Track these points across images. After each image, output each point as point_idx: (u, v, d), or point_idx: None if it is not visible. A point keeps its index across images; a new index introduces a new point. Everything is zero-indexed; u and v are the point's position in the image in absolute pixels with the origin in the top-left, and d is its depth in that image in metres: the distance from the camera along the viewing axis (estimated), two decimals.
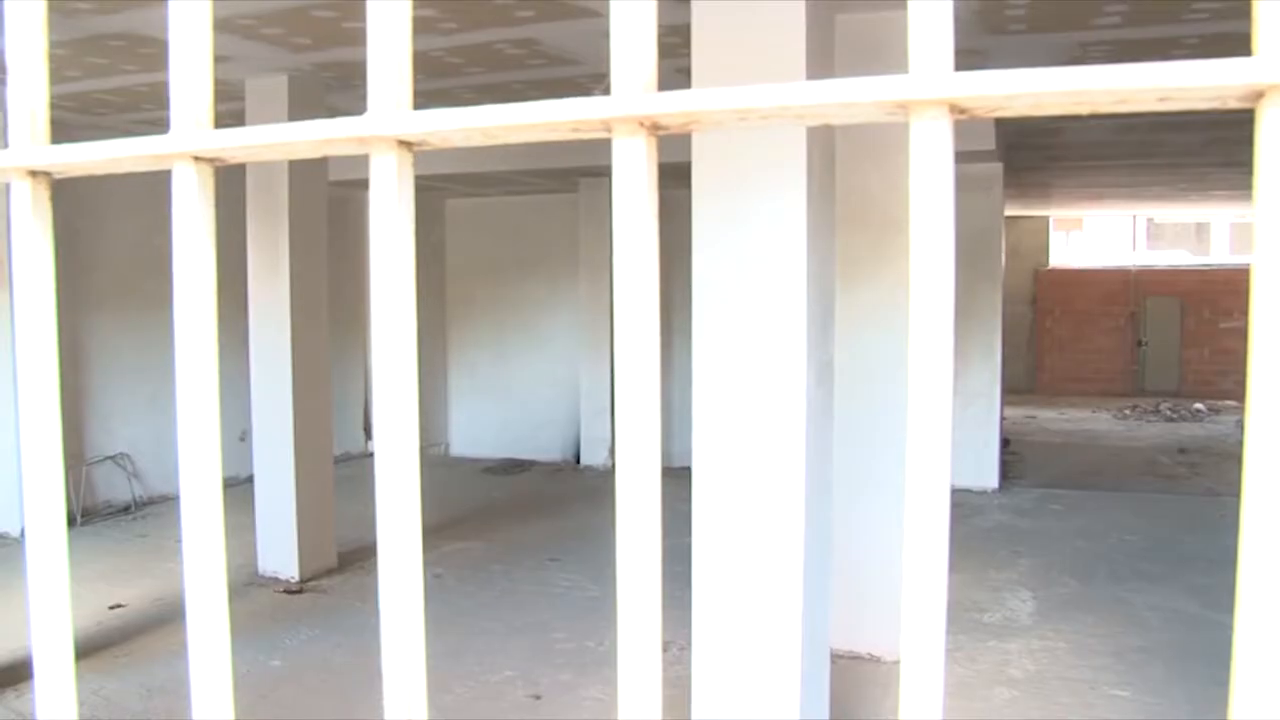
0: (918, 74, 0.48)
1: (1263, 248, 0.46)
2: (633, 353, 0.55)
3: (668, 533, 3.11)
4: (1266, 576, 0.47)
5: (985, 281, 10.81)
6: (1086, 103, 0.47)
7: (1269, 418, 0.46)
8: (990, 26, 6.12)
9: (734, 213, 3.78)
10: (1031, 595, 7.21)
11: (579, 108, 0.53)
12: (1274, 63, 0.44)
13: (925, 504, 0.51)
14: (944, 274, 0.49)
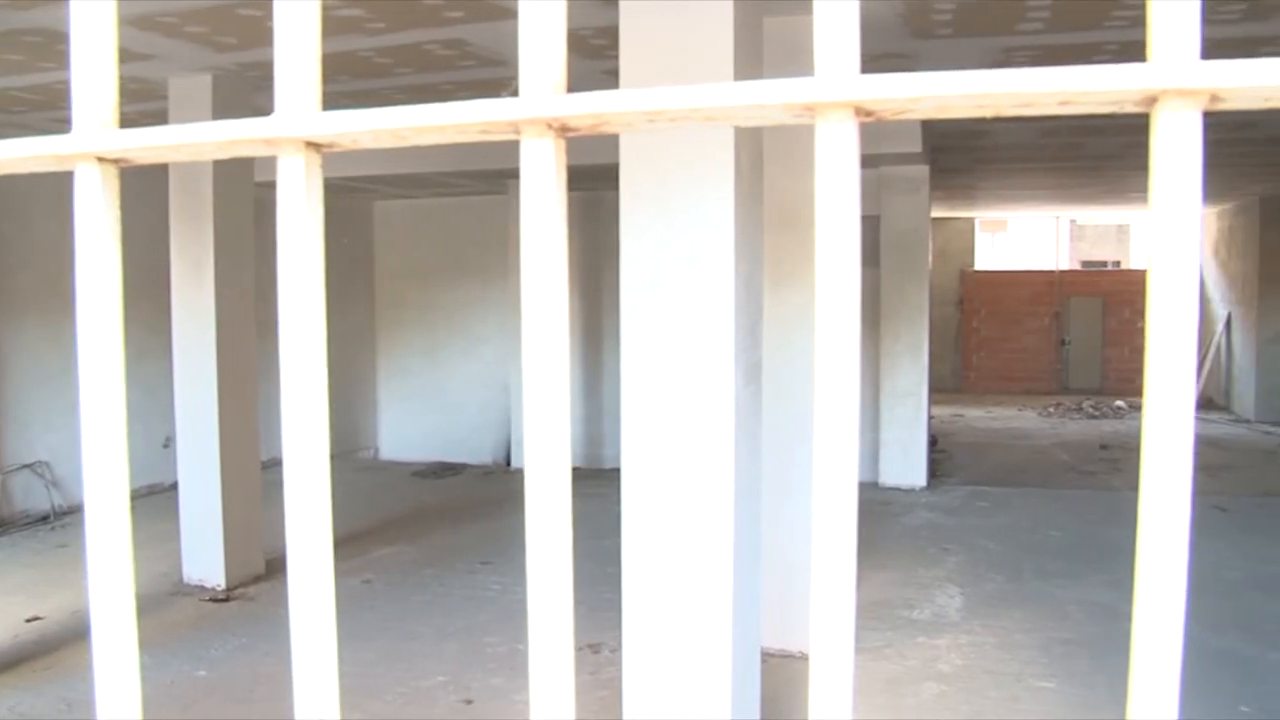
0: (823, 76, 0.48)
1: (1156, 249, 0.47)
2: (539, 357, 0.55)
3: (603, 534, 3.12)
4: (1161, 569, 0.48)
5: (912, 282, 10.93)
6: (990, 106, 0.47)
7: (1164, 416, 0.47)
8: (917, 30, 6.19)
9: (662, 214, 3.79)
10: (959, 591, 7.30)
11: (487, 109, 0.52)
12: (1167, 68, 0.45)
13: (833, 504, 0.51)
14: (849, 275, 0.49)
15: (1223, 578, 7.72)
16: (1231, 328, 18.10)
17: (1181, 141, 0.47)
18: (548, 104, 0.52)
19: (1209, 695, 5.51)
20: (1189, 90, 0.46)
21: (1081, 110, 0.48)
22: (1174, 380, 0.47)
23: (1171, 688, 0.48)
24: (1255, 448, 14.21)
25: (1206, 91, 0.46)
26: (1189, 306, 0.47)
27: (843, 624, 0.50)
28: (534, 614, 0.54)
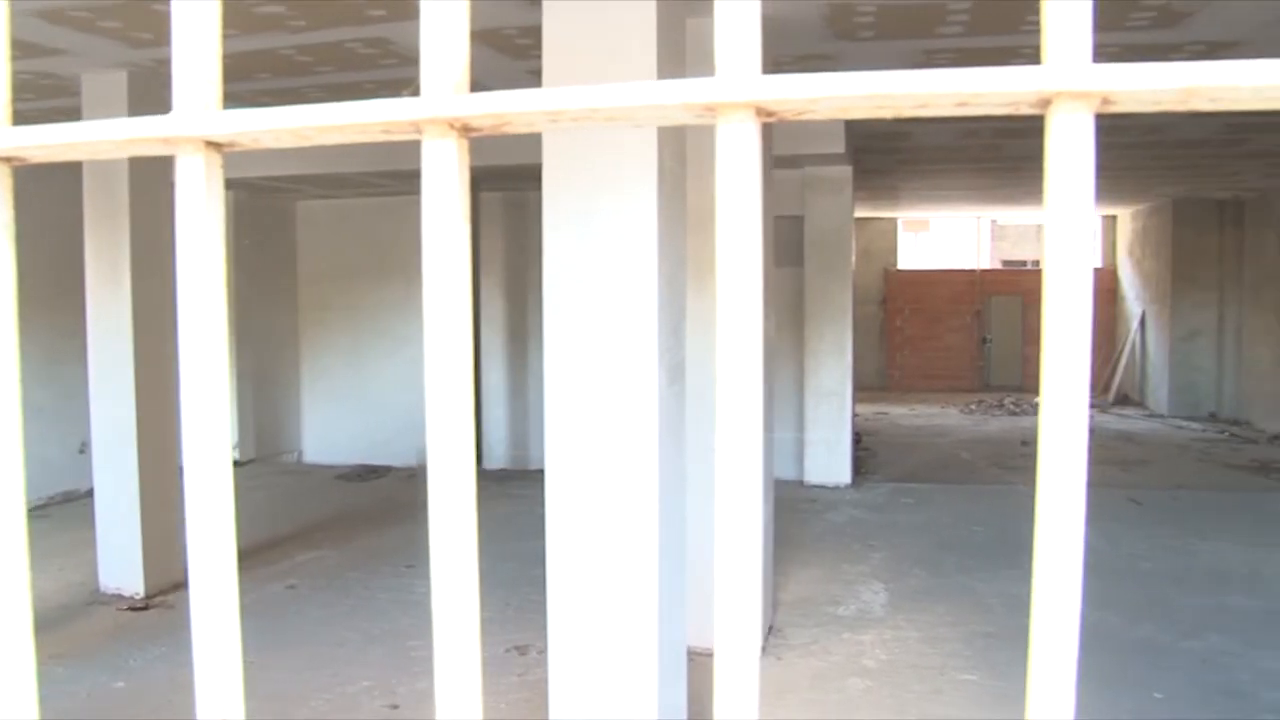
0: (724, 77, 0.48)
1: (1051, 248, 0.48)
2: (441, 358, 0.54)
3: (529, 535, 3.10)
4: (1058, 562, 0.48)
5: (836, 282, 11.04)
6: (889, 107, 0.48)
7: (1059, 412, 0.48)
8: (840, 32, 6.25)
9: (585, 214, 3.79)
10: (884, 587, 7.38)
11: (388, 109, 0.52)
12: (1060, 71, 0.46)
13: (735, 503, 0.51)
14: (751, 275, 0.49)
15: (1137, 569, 7.89)
16: (1146, 325, 18.52)
17: (1074, 142, 0.48)
18: (449, 104, 0.51)
19: (1125, 683, 5.63)
20: (1081, 93, 0.46)
21: (978, 112, 0.49)
22: (1068, 377, 0.48)
23: (1069, 678, 0.49)
24: (1169, 442, 14.55)
25: (1098, 94, 0.46)
26: (1083, 304, 0.48)
27: (747, 622, 0.50)
28: (439, 618, 0.54)
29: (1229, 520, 9.46)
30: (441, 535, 0.53)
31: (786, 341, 10.96)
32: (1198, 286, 16.87)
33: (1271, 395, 14.77)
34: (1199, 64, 0.45)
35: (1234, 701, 5.40)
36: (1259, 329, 15.42)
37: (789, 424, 11.03)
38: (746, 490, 0.50)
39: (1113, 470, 12.33)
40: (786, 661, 6.01)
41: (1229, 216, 16.57)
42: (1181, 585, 7.44)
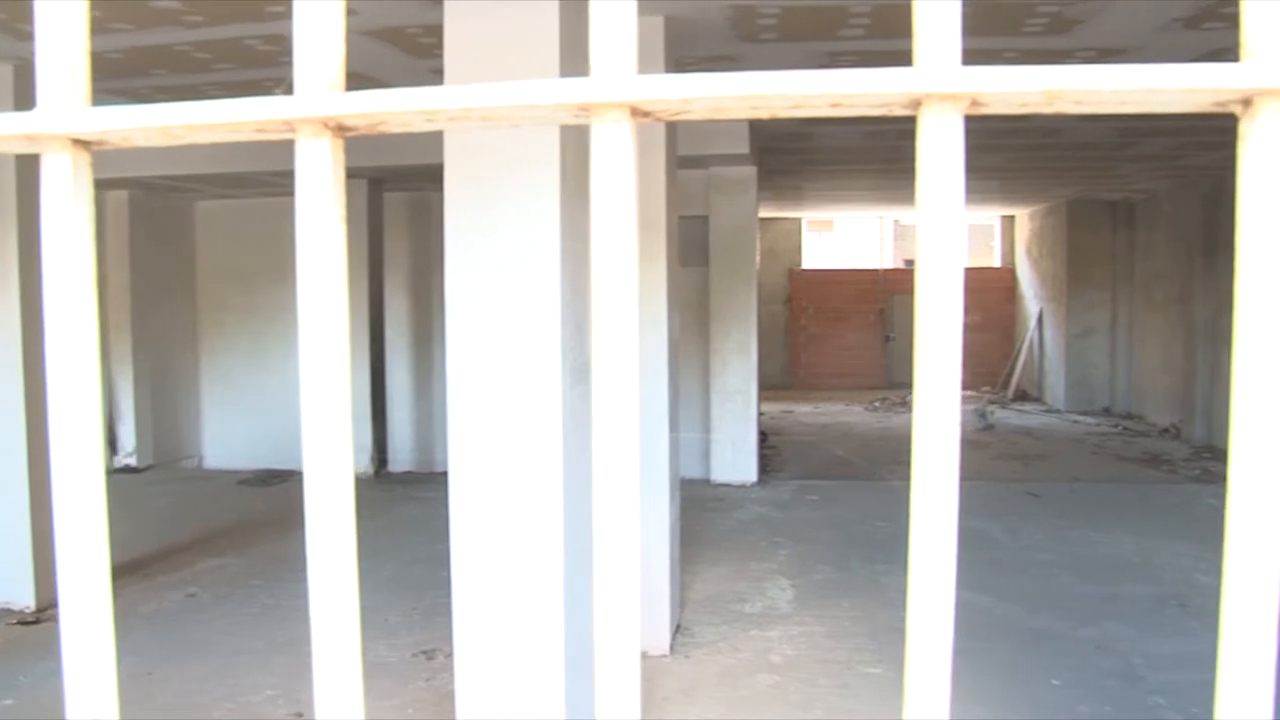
0: (599, 77, 0.48)
1: (923, 247, 0.49)
2: (317, 364, 0.54)
3: (436, 538, 3.06)
4: (931, 553, 0.49)
5: (741, 282, 11.11)
6: (763, 108, 0.48)
7: (933, 406, 0.49)
8: (744, 34, 6.29)
9: (487, 214, 3.76)
10: (790, 584, 7.45)
11: (261, 107, 0.51)
12: (930, 73, 0.47)
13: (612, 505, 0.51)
14: (628, 275, 0.49)
15: (1035, 560, 8.08)
16: (1043, 323, 18.95)
17: (944, 143, 0.49)
18: (323, 103, 0.50)
19: (1024, 671, 5.76)
20: (950, 94, 0.47)
21: (852, 113, 0.49)
22: (941, 373, 0.49)
23: (944, 670, 0.49)
24: (1065, 436, 14.91)
25: (967, 95, 0.47)
26: (954, 301, 0.49)
27: (625, 622, 0.50)
28: (316, 624, 0.53)
29: (1123, 511, 9.73)
30: (318, 543, 0.52)
31: (692, 341, 11.01)
32: (1092, 285, 17.32)
33: (1162, 390, 15.22)
34: (1062, 68, 0.46)
35: (1127, 685, 5.55)
36: (1149, 326, 15.87)
37: (695, 423, 11.09)
38: (623, 489, 0.50)
39: (1013, 464, 12.61)
40: (695, 659, 6.04)
41: (1121, 217, 17.04)
42: (1078, 575, 7.63)
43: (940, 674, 0.49)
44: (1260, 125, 0.48)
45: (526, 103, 0.48)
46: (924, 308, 0.49)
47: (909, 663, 0.49)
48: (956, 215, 0.48)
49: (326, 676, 0.52)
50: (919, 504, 0.51)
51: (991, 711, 5.33)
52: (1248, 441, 0.50)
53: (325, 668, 0.53)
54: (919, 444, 0.50)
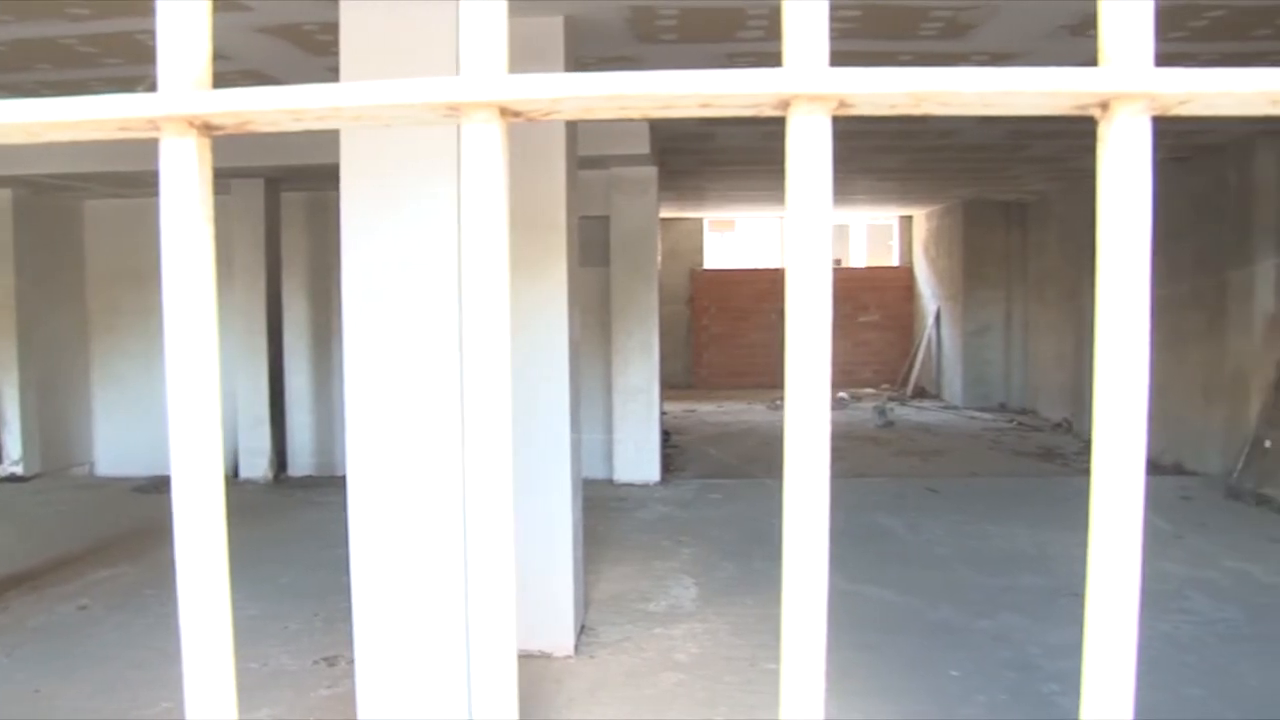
0: (468, 76, 0.48)
1: (791, 246, 0.49)
2: (184, 370, 0.52)
3: (337, 542, 2.99)
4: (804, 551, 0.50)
5: (642, 282, 11.14)
6: (633, 108, 0.48)
7: (802, 405, 0.49)
8: (642, 34, 6.30)
9: (385, 213, 3.72)
10: (694, 582, 7.49)
11: (124, 105, 0.49)
12: (799, 74, 0.47)
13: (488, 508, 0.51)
14: (498, 276, 0.49)
15: (934, 554, 8.23)
16: (941, 321, 19.31)
17: (812, 143, 0.49)
18: (188, 101, 0.49)
19: (924, 663, 5.87)
20: (818, 95, 0.48)
21: (722, 113, 0.50)
22: (810, 372, 0.50)
23: (818, 666, 0.50)
24: (963, 432, 15.21)
25: (835, 97, 0.48)
26: (823, 301, 0.49)
27: (503, 622, 0.50)
28: (187, 639, 0.51)
29: (1018, 504, 9.95)
30: (187, 552, 0.51)
31: (594, 341, 11.01)
32: (987, 284, 17.69)
33: (1055, 385, 15.59)
34: (927, 70, 0.47)
35: (1023, 674, 5.68)
36: (1042, 324, 16.25)
37: (598, 424, 11.09)
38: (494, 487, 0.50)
39: (912, 461, 12.83)
40: (599, 660, 6.04)
41: (1014, 218, 17.44)
42: (976, 568, 7.79)
43: (815, 670, 0.49)
44: (1116, 128, 0.50)
45: (394, 102, 0.47)
46: (793, 306, 0.50)
47: (784, 662, 0.50)
48: (824, 215, 0.49)
49: (197, 689, 0.51)
50: (790, 502, 0.51)
51: (894, 703, 5.42)
52: (1108, 432, 0.51)
53: (196, 681, 0.52)
54: (790, 443, 0.51)
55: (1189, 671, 5.84)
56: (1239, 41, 6.32)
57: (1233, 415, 10.72)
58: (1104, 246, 0.51)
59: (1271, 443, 9.79)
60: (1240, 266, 10.52)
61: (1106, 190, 0.50)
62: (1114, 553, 0.51)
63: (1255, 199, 10.34)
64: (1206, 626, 6.55)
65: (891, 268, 22.61)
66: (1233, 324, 10.75)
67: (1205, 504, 9.96)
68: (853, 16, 5.92)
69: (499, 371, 0.49)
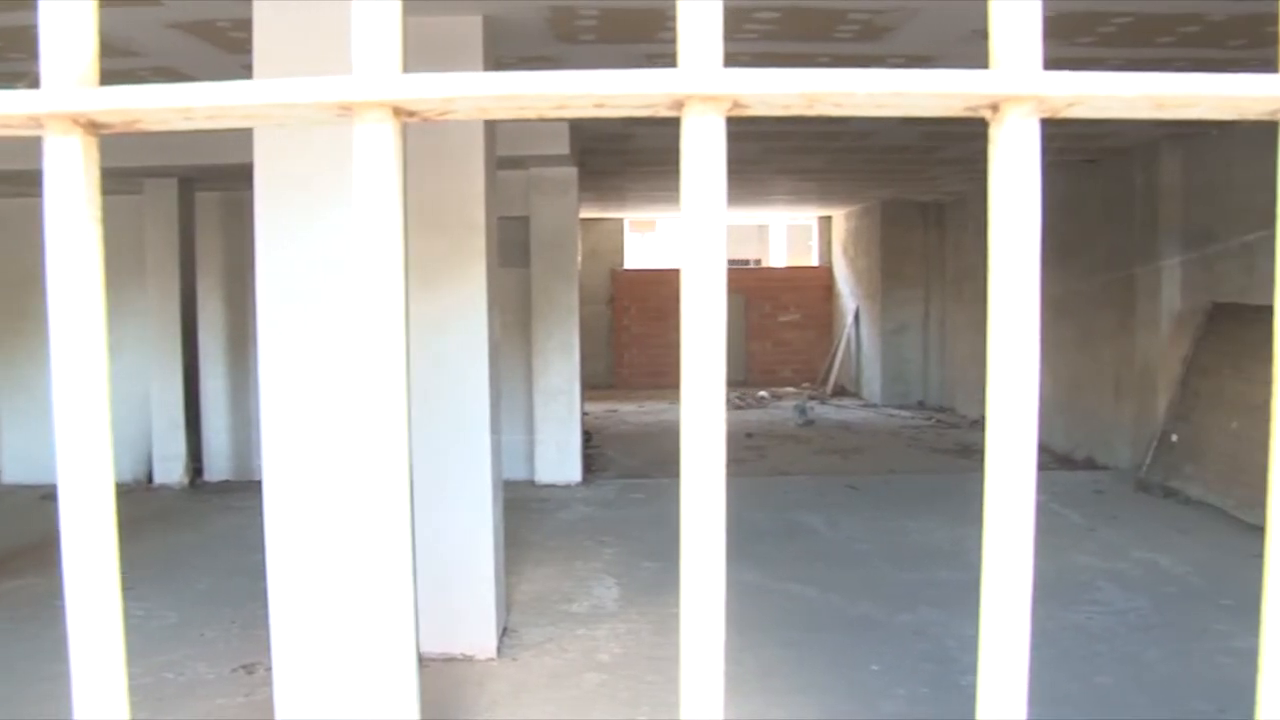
0: (360, 75, 0.48)
1: (687, 247, 0.49)
2: (70, 376, 0.51)
3: (254, 548, 2.95)
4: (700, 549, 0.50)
5: (562, 282, 11.13)
6: (528, 108, 0.48)
7: (697, 405, 0.50)
8: (561, 34, 6.29)
9: (299, 215, 3.68)
10: (616, 582, 7.50)
11: (4, 101, 0.48)
12: (693, 74, 0.48)
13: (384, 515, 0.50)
14: (392, 280, 0.49)
15: (855, 550, 8.33)
16: (860, 320, 19.53)
17: (706, 143, 0.49)
18: (72, 98, 0.48)
19: (845, 659, 5.94)
20: (711, 96, 0.48)
21: (617, 113, 0.50)
22: (706, 372, 0.50)
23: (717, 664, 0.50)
24: (882, 430, 15.40)
25: (729, 97, 0.48)
26: (717, 300, 0.50)
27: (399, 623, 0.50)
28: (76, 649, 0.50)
29: (936, 500, 10.09)
30: (75, 564, 0.50)
31: (514, 342, 10.96)
32: (905, 283, 17.93)
33: (971, 383, 15.85)
34: (820, 71, 0.48)
35: (941, 667, 5.77)
36: (959, 322, 16.51)
37: (519, 425, 11.04)
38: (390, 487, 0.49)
39: (832, 459, 12.96)
40: (522, 661, 6.02)
41: (931, 218, 17.70)
42: (895, 563, 7.89)
43: (713, 669, 0.50)
44: (1006, 129, 0.51)
45: (285, 102, 0.47)
46: (688, 305, 0.50)
47: (683, 659, 0.50)
48: (718, 215, 0.49)
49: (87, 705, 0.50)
50: (687, 499, 0.51)
51: (817, 699, 5.47)
52: (999, 428, 0.52)
53: (85, 697, 0.50)
54: (686, 442, 0.51)
55: (1100, 660, 5.97)
56: (1144, 48, 6.48)
57: (1142, 411, 10.99)
58: (994, 246, 0.51)
59: (1178, 437, 10.05)
60: (1148, 266, 10.79)
61: (997, 190, 0.51)
62: (1007, 545, 0.52)
63: (1161, 200, 10.60)
64: (1117, 616, 6.71)
65: (811, 267, 22.82)
66: (1142, 322, 11.01)
67: (1116, 497, 10.19)
68: (771, 19, 5.96)
69: (392, 375, 0.49)
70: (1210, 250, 9.70)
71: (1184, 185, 10.47)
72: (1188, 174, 10.43)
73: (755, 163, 12.36)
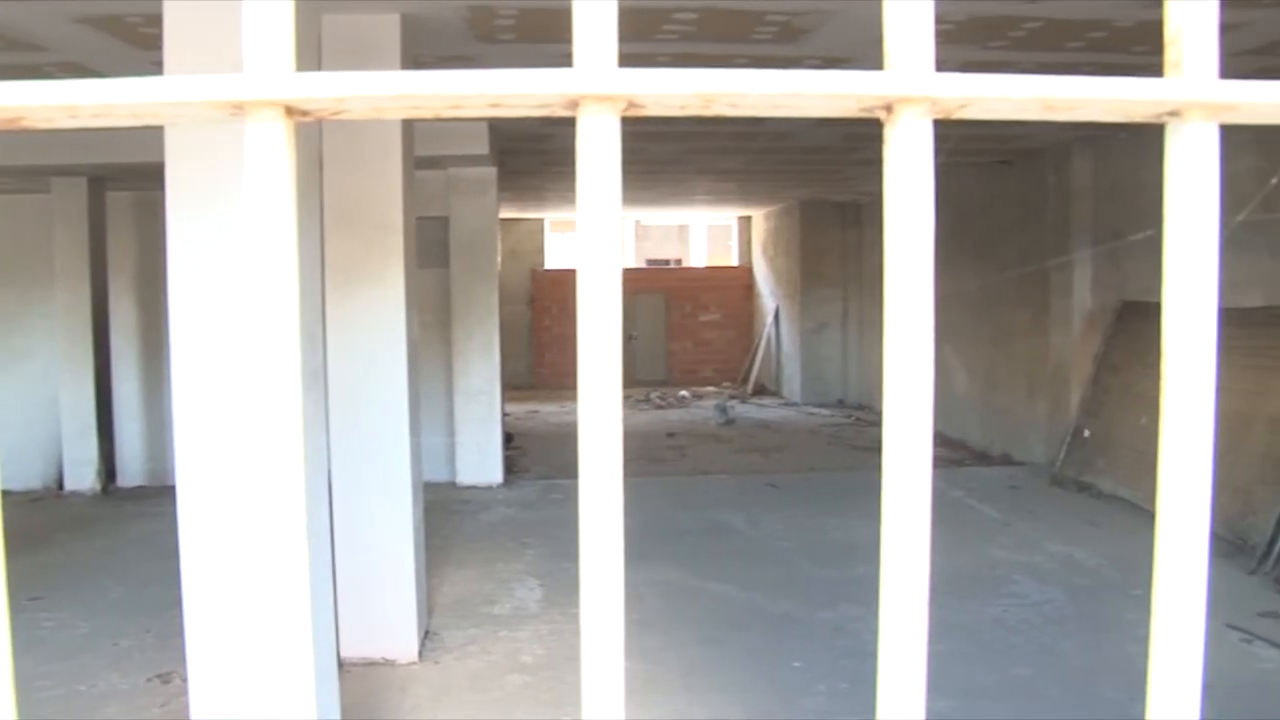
0: (251, 73, 0.47)
1: (583, 248, 0.50)
2: None
3: (171, 554, 2.87)
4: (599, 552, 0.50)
5: (482, 283, 11.08)
6: (423, 108, 0.48)
7: (595, 404, 0.50)
8: (480, 34, 6.26)
9: (210, 214, 3.61)
10: (539, 583, 7.48)
11: None
12: (587, 74, 0.48)
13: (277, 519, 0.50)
14: (286, 282, 0.48)
15: (776, 548, 8.39)
16: (780, 319, 19.68)
17: (601, 143, 0.50)
18: None
19: (768, 656, 5.98)
20: (606, 96, 0.48)
21: (513, 113, 0.50)
22: (601, 370, 0.50)
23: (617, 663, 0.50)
24: (803, 428, 15.55)
25: (624, 97, 0.48)
26: (613, 300, 0.50)
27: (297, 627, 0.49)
28: None
29: (855, 497, 10.18)
30: None
31: (434, 343, 10.88)
32: (824, 282, 18.10)
33: None
34: (715, 71, 0.48)
35: (861, 663, 5.84)
36: (878, 321, 16.57)
37: (439, 426, 10.96)
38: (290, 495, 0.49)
39: (753, 457, 13.04)
40: (444, 664, 5.98)
41: (850, 218, 17.90)
42: (815, 560, 7.97)
43: (613, 667, 0.50)
44: (900, 130, 0.52)
45: (174, 100, 0.46)
46: (584, 305, 0.50)
47: (584, 661, 0.50)
48: (614, 215, 0.50)
49: None
50: (585, 500, 0.52)
51: (739, 697, 5.51)
52: (895, 425, 0.53)
53: None
54: (583, 444, 0.51)
55: (1016, 653, 6.09)
56: (1055, 52, 6.61)
57: (1055, 407, 11.21)
58: (889, 245, 0.52)
59: (1091, 432, 10.27)
60: (1061, 265, 11.01)
61: (891, 190, 0.52)
62: (903, 538, 0.53)
63: (1072, 201, 10.83)
64: (1033, 609, 6.84)
65: (731, 267, 22.97)
66: (1055, 320, 11.24)
67: (1031, 492, 10.38)
68: (690, 20, 5.99)
69: (286, 377, 0.48)
70: (1119, 250, 9.92)
71: (1094, 186, 10.70)
72: (1098, 175, 10.67)
73: (675, 163, 12.40)
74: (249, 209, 0.49)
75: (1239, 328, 8.25)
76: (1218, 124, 0.55)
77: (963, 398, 13.68)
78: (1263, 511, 7.66)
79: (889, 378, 0.53)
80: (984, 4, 5.66)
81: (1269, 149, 7.66)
